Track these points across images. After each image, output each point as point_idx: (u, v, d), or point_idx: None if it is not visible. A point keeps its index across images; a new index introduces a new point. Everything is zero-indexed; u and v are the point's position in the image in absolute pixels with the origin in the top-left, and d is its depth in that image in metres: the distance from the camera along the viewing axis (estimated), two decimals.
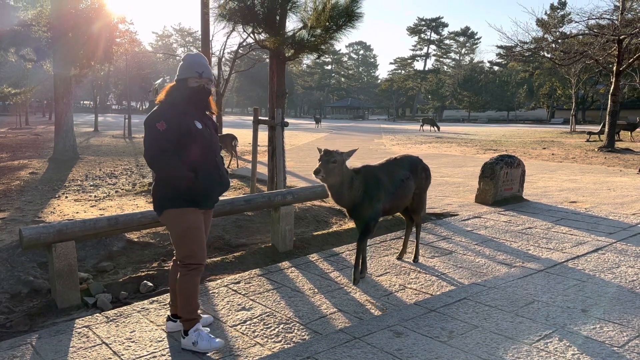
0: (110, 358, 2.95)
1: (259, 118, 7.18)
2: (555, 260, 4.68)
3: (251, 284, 4.15)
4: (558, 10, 47.91)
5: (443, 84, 75.81)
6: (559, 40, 22.48)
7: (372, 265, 4.65)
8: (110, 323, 3.41)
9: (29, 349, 3.05)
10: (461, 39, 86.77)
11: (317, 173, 3.73)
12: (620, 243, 5.28)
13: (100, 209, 7.18)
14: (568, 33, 21.83)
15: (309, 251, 5.23)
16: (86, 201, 7.90)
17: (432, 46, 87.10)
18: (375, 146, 20.56)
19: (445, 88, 74.94)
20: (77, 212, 6.96)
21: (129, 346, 3.09)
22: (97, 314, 3.58)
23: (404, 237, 4.87)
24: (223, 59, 22.77)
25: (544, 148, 19.57)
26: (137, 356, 2.97)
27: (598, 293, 3.84)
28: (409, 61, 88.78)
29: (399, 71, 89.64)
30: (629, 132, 25.77)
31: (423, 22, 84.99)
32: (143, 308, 3.66)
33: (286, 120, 6.93)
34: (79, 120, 39.53)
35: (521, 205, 7.44)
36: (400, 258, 4.82)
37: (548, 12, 39.87)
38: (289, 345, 3.11)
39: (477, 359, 2.80)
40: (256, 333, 3.28)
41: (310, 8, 6.78)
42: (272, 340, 3.19)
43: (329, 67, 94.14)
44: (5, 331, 3.45)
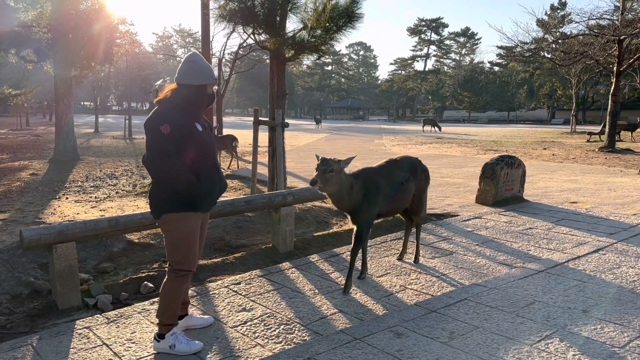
0: (110, 359, 2.95)
1: (260, 119, 7.19)
2: (555, 260, 4.68)
3: (252, 285, 4.15)
4: (558, 10, 48.02)
5: (443, 85, 75.79)
6: (559, 40, 22.49)
7: (373, 265, 4.65)
8: (110, 324, 3.41)
9: (30, 350, 3.06)
10: (461, 40, 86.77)
11: (314, 184, 3.58)
12: (621, 243, 5.28)
13: (100, 210, 7.19)
14: (568, 33, 21.84)
15: (310, 252, 5.23)
16: (87, 202, 7.91)
17: (433, 47, 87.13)
18: (375, 147, 20.54)
19: (445, 88, 74.93)
20: (78, 213, 6.97)
21: (130, 347, 3.10)
22: (98, 315, 3.58)
23: (404, 238, 4.87)
24: (223, 60, 22.81)
25: (545, 148, 19.56)
26: (138, 357, 2.97)
27: (599, 294, 3.84)
28: (409, 62, 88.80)
29: (399, 72, 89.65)
30: (630, 133, 25.76)
31: (423, 23, 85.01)
32: (144, 309, 3.66)
33: (286, 121, 6.93)
34: (80, 121, 39.53)
35: (522, 205, 7.44)
36: (400, 259, 4.83)
37: (548, 13, 39.93)
38: (290, 346, 3.11)
39: None
40: (257, 334, 3.28)
41: (310, 9, 6.79)
42: (273, 341, 3.19)
43: (329, 68, 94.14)
44: (5, 332, 3.46)
